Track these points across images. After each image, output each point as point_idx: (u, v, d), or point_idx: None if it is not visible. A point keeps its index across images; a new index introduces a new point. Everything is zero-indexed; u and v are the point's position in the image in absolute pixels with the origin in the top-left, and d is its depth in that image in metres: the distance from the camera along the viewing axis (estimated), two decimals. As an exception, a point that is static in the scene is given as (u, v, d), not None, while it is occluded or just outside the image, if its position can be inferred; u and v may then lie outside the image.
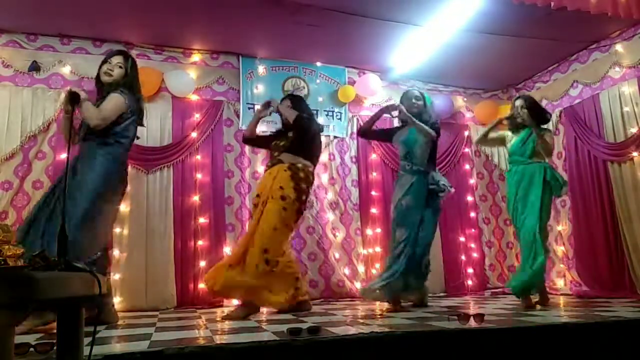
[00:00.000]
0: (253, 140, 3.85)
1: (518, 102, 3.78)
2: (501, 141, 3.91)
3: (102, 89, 2.97)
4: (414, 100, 3.68)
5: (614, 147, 4.38)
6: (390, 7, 3.86)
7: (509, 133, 3.86)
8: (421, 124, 3.53)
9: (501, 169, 5.36)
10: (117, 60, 2.97)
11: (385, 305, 3.47)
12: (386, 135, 4.01)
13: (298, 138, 3.43)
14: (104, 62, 2.99)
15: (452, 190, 3.69)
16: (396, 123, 4.08)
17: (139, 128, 3.04)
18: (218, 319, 3.04)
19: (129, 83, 2.98)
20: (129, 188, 4.12)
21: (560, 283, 4.86)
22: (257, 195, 3.45)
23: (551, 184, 3.63)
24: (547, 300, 3.55)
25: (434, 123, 3.65)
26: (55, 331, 1.31)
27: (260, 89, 4.73)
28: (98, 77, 3.00)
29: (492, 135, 3.90)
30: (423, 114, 3.66)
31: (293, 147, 3.43)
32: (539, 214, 3.55)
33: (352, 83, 5.04)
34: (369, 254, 4.80)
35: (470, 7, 3.80)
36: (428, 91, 5.33)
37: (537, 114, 3.73)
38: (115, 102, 2.84)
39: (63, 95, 4.04)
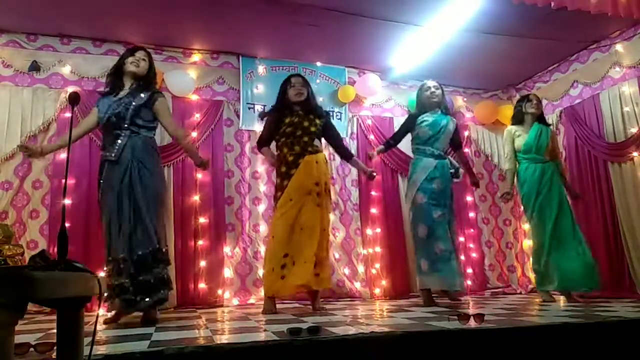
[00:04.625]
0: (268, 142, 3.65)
1: (533, 97, 4.12)
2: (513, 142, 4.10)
3: (122, 81, 3.08)
4: (433, 90, 3.89)
5: (614, 147, 4.38)
6: (390, 7, 3.86)
7: (513, 128, 4.11)
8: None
9: (501, 169, 5.36)
10: (141, 54, 3.11)
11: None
12: (407, 131, 3.99)
13: (328, 137, 3.64)
14: (128, 55, 3.10)
15: (461, 176, 3.98)
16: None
17: None
18: (219, 319, 3.04)
19: (154, 79, 3.18)
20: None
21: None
22: (316, 184, 3.34)
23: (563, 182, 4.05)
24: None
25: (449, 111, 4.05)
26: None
27: (260, 88, 4.73)
28: (118, 69, 3.09)
29: (510, 149, 4.09)
30: (443, 102, 3.93)
31: (320, 137, 3.54)
32: (571, 211, 3.96)
33: (352, 83, 5.04)
34: (369, 254, 4.80)
35: (470, 7, 3.80)
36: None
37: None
38: (167, 106, 3.18)
39: (63, 96, 4.08)
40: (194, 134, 4.43)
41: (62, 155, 3.97)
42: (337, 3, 3.82)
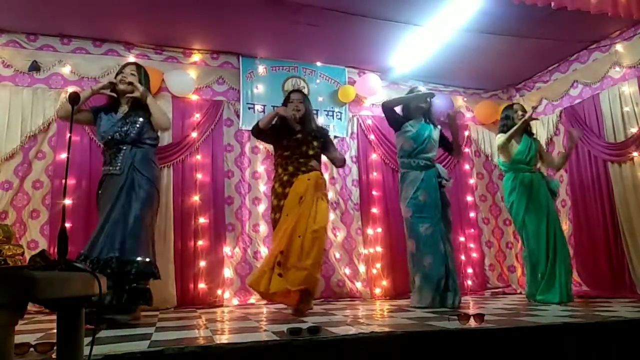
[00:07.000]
0: (265, 133, 3.49)
1: (518, 107, 4.10)
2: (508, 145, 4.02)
3: (118, 99, 3.17)
4: (425, 96, 3.86)
5: (614, 147, 4.38)
6: (390, 7, 3.86)
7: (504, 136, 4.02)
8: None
9: (501, 170, 5.35)
10: (129, 70, 3.19)
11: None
12: (397, 123, 3.88)
13: (325, 151, 3.59)
14: (118, 73, 3.20)
15: (450, 182, 3.88)
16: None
17: None
18: (219, 319, 3.04)
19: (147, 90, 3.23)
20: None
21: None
22: (301, 198, 3.26)
23: (551, 190, 3.97)
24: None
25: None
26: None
27: (260, 88, 4.73)
28: (114, 90, 3.18)
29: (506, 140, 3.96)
30: (429, 111, 3.90)
31: (319, 157, 3.54)
32: (558, 217, 3.95)
33: (352, 83, 5.03)
34: (370, 254, 4.80)
35: (470, 7, 3.80)
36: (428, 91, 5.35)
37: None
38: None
39: (63, 96, 4.08)
40: (194, 134, 4.43)
41: (63, 155, 3.97)
42: (337, 3, 3.82)
